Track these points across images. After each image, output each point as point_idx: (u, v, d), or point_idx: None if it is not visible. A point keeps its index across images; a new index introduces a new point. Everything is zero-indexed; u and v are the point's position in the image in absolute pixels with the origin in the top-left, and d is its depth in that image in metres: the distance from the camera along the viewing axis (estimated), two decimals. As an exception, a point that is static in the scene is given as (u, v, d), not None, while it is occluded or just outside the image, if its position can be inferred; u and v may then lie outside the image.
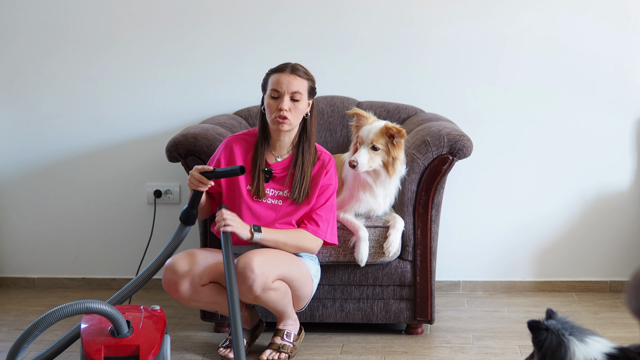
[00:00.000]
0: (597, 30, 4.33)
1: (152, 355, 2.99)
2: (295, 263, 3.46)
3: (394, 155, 3.59)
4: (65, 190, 4.56)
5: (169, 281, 3.39)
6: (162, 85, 4.48)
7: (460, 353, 3.61)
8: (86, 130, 4.53)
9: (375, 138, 3.58)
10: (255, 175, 3.49)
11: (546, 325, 2.46)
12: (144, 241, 4.44)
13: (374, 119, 3.66)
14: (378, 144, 3.59)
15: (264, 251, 3.38)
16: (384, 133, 3.59)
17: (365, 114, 3.67)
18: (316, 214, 3.50)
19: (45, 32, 4.49)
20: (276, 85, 3.44)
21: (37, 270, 4.62)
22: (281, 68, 3.48)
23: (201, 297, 3.43)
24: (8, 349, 3.66)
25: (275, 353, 3.52)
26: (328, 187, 3.53)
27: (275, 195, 3.51)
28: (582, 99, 4.37)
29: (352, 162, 3.58)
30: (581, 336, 2.44)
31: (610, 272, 4.45)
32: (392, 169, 3.61)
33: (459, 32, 4.36)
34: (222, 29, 4.43)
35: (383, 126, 3.60)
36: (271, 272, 3.32)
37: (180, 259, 3.40)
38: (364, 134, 3.61)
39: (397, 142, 3.58)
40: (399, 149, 3.60)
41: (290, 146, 3.54)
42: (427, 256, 3.74)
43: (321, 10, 4.40)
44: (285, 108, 3.41)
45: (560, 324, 2.47)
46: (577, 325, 2.49)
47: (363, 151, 3.59)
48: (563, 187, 4.42)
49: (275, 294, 3.37)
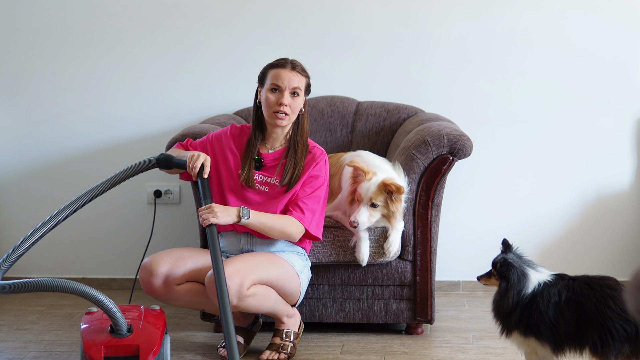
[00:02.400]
0: (597, 30, 4.33)
1: (152, 355, 2.99)
2: (272, 262, 3.43)
3: (393, 210, 3.59)
4: (65, 190, 4.56)
5: (143, 280, 3.41)
6: (162, 85, 4.48)
7: (460, 353, 3.61)
8: (86, 130, 4.53)
9: (374, 196, 3.56)
10: (246, 165, 3.50)
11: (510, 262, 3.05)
12: (144, 241, 4.43)
13: (372, 174, 3.60)
14: (377, 201, 3.57)
15: (234, 260, 3.37)
16: (382, 190, 3.55)
17: (364, 168, 3.60)
18: (302, 202, 3.48)
19: (45, 32, 4.49)
20: (277, 80, 3.45)
21: (37, 270, 4.62)
22: (281, 63, 3.49)
23: (177, 297, 3.43)
24: (8, 348, 3.68)
25: (275, 353, 3.52)
26: (317, 178, 3.51)
27: (263, 181, 3.51)
28: (582, 99, 4.37)
29: (352, 223, 3.58)
30: (534, 266, 3.07)
31: (610, 272, 4.42)
32: (393, 220, 3.62)
33: (459, 32, 4.36)
34: (222, 29, 4.43)
35: (381, 183, 3.55)
36: (244, 279, 3.30)
37: (155, 259, 3.41)
38: (363, 192, 3.57)
39: (396, 198, 3.58)
40: (398, 203, 3.59)
41: (284, 139, 3.55)
42: (427, 256, 3.74)
43: (321, 10, 4.40)
44: (285, 103, 3.43)
45: (517, 258, 3.08)
46: (527, 257, 3.10)
47: (363, 210, 3.57)
48: (563, 187, 4.42)
49: (254, 300, 3.34)
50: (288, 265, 3.47)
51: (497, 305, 3.08)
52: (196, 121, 4.38)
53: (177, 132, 3.95)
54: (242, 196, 3.51)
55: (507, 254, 3.09)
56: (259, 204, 3.50)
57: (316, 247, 3.67)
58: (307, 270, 3.58)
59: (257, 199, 3.51)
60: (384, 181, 3.55)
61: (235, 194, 3.52)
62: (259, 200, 3.51)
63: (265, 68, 3.53)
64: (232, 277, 3.26)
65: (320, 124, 4.25)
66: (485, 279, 3.14)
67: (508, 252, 3.10)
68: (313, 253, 3.67)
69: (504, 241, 3.12)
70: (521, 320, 3.01)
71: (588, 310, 2.93)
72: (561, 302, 2.97)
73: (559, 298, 2.97)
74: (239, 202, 3.51)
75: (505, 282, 3.04)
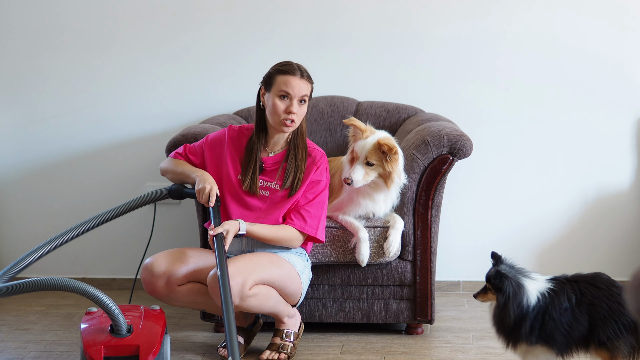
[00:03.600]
0: (597, 29, 4.33)
1: (152, 355, 2.99)
2: (274, 262, 3.44)
3: (390, 170, 3.57)
4: (65, 190, 4.56)
5: (145, 280, 3.42)
6: (162, 85, 4.48)
7: (460, 353, 3.61)
8: (86, 130, 4.53)
9: (369, 154, 3.55)
10: (250, 171, 3.50)
11: (504, 273, 2.98)
12: (143, 241, 4.41)
13: (369, 132, 3.60)
14: (372, 160, 3.56)
15: (236, 260, 3.38)
16: (377, 149, 3.55)
17: (361, 125, 3.61)
18: (305, 210, 3.49)
19: (45, 32, 4.49)
20: (287, 88, 3.44)
21: (37, 270, 4.61)
22: (291, 70, 3.46)
23: (179, 297, 3.43)
24: (8, 348, 3.68)
25: (275, 353, 3.52)
26: (318, 183, 3.52)
27: (264, 186, 3.52)
28: (582, 99, 4.37)
29: (346, 179, 3.56)
30: (528, 275, 3.01)
31: (610, 272, 4.41)
32: (389, 182, 3.59)
33: (460, 32, 4.36)
34: (222, 28, 4.43)
35: (376, 142, 3.55)
36: (246, 280, 3.31)
37: (157, 259, 3.42)
38: (359, 150, 3.57)
39: (391, 158, 3.56)
40: (394, 163, 3.56)
41: (284, 143, 3.55)
42: (427, 256, 3.74)
43: (322, 10, 4.40)
44: (295, 112, 3.43)
45: (510, 268, 3.01)
46: (519, 267, 3.04)
47: (358, 167, 3.56)
48: (563, 187, 4.42)
49: (255, 300, 3.36)
50: (289, 266, 3.48)
51: (499, 319, 3.03)
52: (196, 121, 4.38)
53: (177, 132, 3.95)
54: (242, 202, 3.51)
55: (499, 266, 3.03)
56: (261, 210, 3.50)
57: (316, 247, 3.67)
58: (307, 271, 3.58)
59: (258, 205, 3.51)
60: (379, 140, 3.55)
61: (236, 200, 3.52)
62: (260, 206, 3.51)
63: (273, 72, 3.50)
64: (235, 277, 3.27)
65: (320, 124, 4.25)
66: (482, 295, 3.08)
67: (499, 264, 3.04)
68: (313, 253, 3.67)
69: (493, 254, 3.07)
70: (532, 332, 2.98)
71: (600, 310, 2.95)
72: (573, 307, 2.97)
73: (570, 303, 2.97)
74: (240, 207, 3.51)
75: (502, 296, 2.99)
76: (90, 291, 2.94)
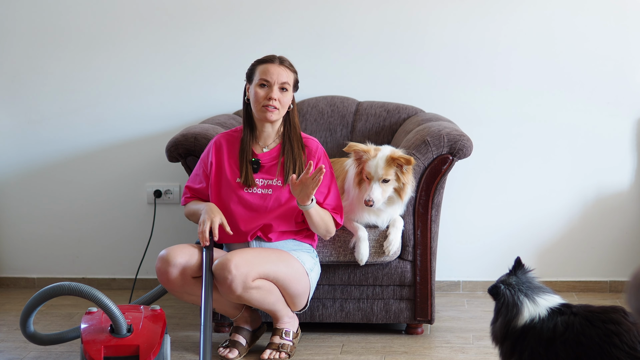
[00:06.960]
0: (596, 30, 4.33)
1: (152, 355, 2.99)
2: (283, 260, 3.46)
3: (404, 181, 3.58)
4: (65, 190, 4.56)
5: (160, 270, 3.42)
6: (162, 85, 4.48)
7: (460, 353, 3.61)
8: (86, 130, 4.53)
9: (384, 172, 3.55)
10: (243, 166, 3.52)
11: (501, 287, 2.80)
12: (144, 241, 4.44)
13: (374, 150, 3.59)
14: (388, 176, 3.56)
15: (245, 251, 3.42)
16: (391, 164, 3.55)
17: (364, 147, 3.60)
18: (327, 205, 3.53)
19: (45, 32, 4.48)
20: (266, 75, 3.48)
21: (37, 270, 4.62)
22: (269, 59, 3.53)
23: (192, 290, 3.44)
24: (8, 348, 3.68)
25: (275, 352, 3.52)
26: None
27: (265, 184, 3.52)
28: (582, 99, 4.37)
29: (368, 201, 3.53)
30: (533, 296, 2.78)
31: (610, 272, 4.45)
32: (404, 193, 3.61)
33: (460, 32, 4.36)
34: (222, 29, 4.43)
35: (389, 157, 3.54)
36: (251, 271, 3.33)
37: (173, 250, 3.44)
38: (371, 170, 3.55)
39: (406, 169, 3.57)
40: (408, 175, 3.59)
41: (276, 136, 3.57)
42: (427, 256, 3.74)
43: (321, 10, 4.40)
44: (275, 97, 3.45)
45: (518, 283, 2.80)
46: (535, 284, 2.81)
47: (375, 187, 3.54)
48: (563, 187, 4.42)
49: (257, 293, 3.38)
50: (298, 265, 3.49)
51: (492, 330, 2.89)
52: (196, 121, 4.38)
53: (177, 132, 3.95)
54: (245, 203, 3.52)
55: (510, 277, 2.83)
56: (266, 209, 3.51)
57: (316, 247, 3.67)
58: (317, 268, 3.61)
59: (262, 204, 3.52)
60: (392, 155, 3.55)
61: (239, 203, 3.52)
62: (266, 205, 3.51)
63: (253, 65, 3.56)
64: (240, 267, 3.31)
65: (320, 124, 4.25)
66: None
67: (512, 275, 2.84)
68: (313, 253, 3.68)
69: (517, 259, 2.87)
70: (512, 354, 2.78)
71: (590, 352, 2.65)
72: (556, 341, 2.69)
73: (554, 335, 2.70)
74: (246, 211, 3.51)
75: (495, 308, 2.85)
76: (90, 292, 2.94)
